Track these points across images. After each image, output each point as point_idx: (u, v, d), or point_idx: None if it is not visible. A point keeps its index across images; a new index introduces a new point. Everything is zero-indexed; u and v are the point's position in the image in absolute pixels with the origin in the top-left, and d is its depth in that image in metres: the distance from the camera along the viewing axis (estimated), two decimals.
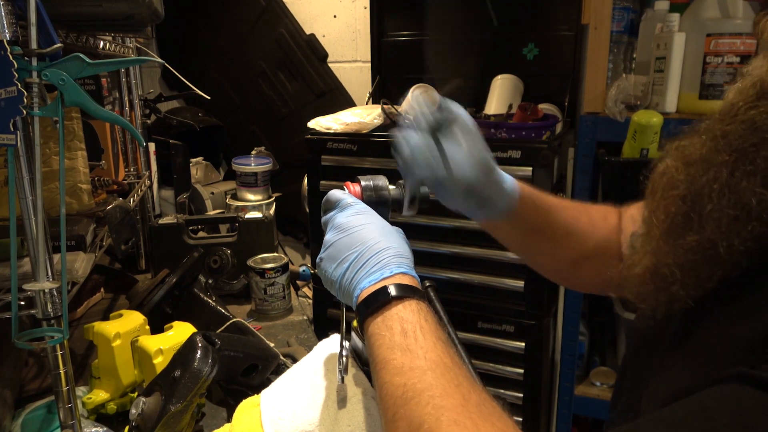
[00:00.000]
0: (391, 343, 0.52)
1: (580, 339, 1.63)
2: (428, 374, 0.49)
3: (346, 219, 0.61)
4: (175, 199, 2.00)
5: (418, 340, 0.51)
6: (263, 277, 1.41)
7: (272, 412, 0.68)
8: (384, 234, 0.59)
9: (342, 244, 0.59)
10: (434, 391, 0.47)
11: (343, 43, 2.28)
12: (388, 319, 0.53)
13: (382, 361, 0.52)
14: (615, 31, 1.51)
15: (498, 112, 1.71)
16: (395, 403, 0.49)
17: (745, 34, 1.32)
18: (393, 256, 0.58)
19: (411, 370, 0.49)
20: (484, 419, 0.45)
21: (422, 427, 0.45)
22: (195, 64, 2.46)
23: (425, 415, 0.46)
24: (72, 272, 0.96)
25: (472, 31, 1.92)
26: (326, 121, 1.70)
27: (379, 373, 0.52)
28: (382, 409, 0.51)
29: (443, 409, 0.46)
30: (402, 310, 0.53)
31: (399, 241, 0.60)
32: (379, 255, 0.57)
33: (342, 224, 0.61)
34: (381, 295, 0.54)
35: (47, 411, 0.95)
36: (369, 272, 0.56)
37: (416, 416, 0.46)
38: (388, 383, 0.50)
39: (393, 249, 0.58)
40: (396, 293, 0.54)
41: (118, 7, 0.99)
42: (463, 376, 0.50)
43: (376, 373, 0.53)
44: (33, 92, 0.68)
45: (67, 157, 1.19)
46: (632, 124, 1.33)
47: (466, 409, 0.46)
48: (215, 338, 0.91)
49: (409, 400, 0.47)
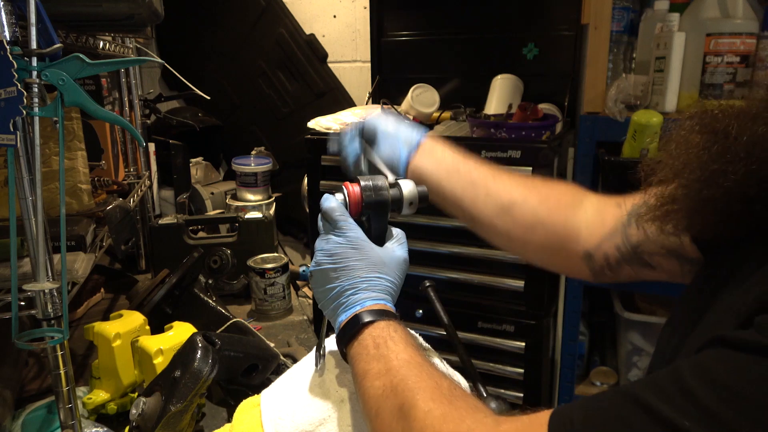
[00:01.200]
0: (366, 356, 0.58)
1: (580, 339, 1.63)
2: (402, 370, 0.55)
3: (338, 249, 0.65)
4: (175, 199, 2.00)
5: (389, 347, 0.57)
6: (263, 277, 1.41)
7: (272, 412, 0.68)
8: (368, 268, 0.65)
9: (329, 273, 0.65)
10: (408, 381, 0.53)
11: (342, 43, 2.28)
12: (362, 340, 0.60)
13: (362, 373, 0.58)
14: (615, 30, 1.51)
15: (498, 112, 1.71)
16: (377, 402, 0.54)
17: (745, 33, 1.32)
18: (370, 290, 0.64)
19: (387, 372, 0.55)
20: (457, 397, 0.51)
21: (402, 408, 0.51)
22: (195, 64, 2.46)
23: (403, 399, 0.52)
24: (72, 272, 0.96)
25: (472, 31, 1.92)
26: (326, 121, 1.70)
27: (360, 384, 0.58)
28: (366, 413, 0.56)
29: (418, 390, 0.52)
30: (373, 329, 0.60)
31: (384, 270, 0.65)
32: (357, 293, 0.63)
33: (333, 252, 0.65)
34: (354, 323, 0.61)
35: (47, 411, 0.95)
36: (346, 307, 0.63)
37: (396, 404, 0.52)
38: (369, 388, 0.56)
39: (371, 283, 0.64)
40: (367, 319, 0.60)
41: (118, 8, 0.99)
42: (434, 368, 0.56)
43: (358, 385, 0.58)
44: (33, 92, 0.68)
45: (67, 157, 1.19)
46: (632, 123, 1.33)
47: (439, 391, 0.52)
48: (215, 338, 0.91)
49: (388, 395, 0.54)
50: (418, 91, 1.87)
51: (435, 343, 0.82)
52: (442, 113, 1.89)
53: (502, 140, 1.46)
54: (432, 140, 0.81)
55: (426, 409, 0.50)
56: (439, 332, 1.45)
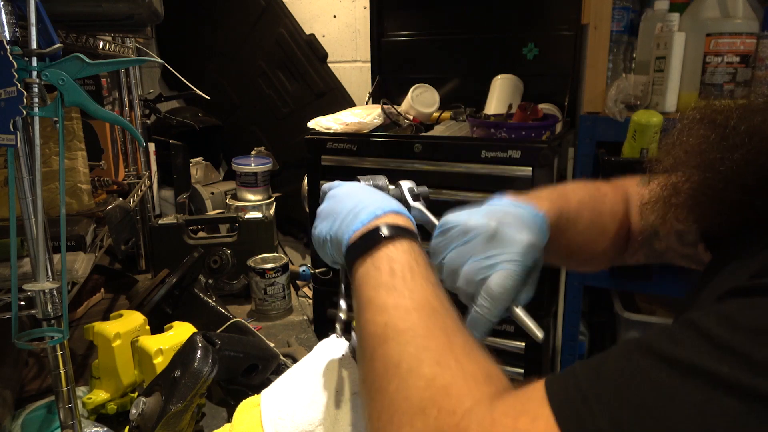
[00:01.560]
0: (377, 282, 0.50)
1: (580, 339, 1.63)
2: (413, 314, 0.47)
3: (337, 190, 0.60)
4: (175, 199, 2.00)
5: (406, 280, 0.49)
6: (263, 277, 1.40)
7: (272, 412, 0.68)
8: (376, 193, 0.59)
9: (335, 204, 0.58)
10: (417, 331, 0.45)
11: (343, 43, 2.28)
12: (377, 259, 0.51)
13: (366, 300, 0.50)
14: (615, 30, 1.51)
15: (498, 112, 1.71)
16: (374, 342, 0.47)
17: (745, 33, 1.32)
18: (386, 200, 0.56)
19: (395, 308, 0.47)
20: (470, 361, 0.44)
21: (400, 366, 0.44)
22: (195, 64, 2.46)
23: (404, 354, 0.44)
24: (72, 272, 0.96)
25: (472, 31, 1.92)
26: (326, 121, 1.70)
27: (361, 312, 0.50)
28: (361, 348, 0.49)
29: (425, 349, 0.44)
30: (392, 250, 0.51)
31: (395, 200, 0.59)
32: (373, 203, 0.55)
33: (336, 193, 0.60)
34: (372, 235, 0.52)
35: (47, 411, 0.95)
36: (360, 216, 0.54)
37: (394, 354, 0.44)
38: (369, 322, 0.48)
39: (387, 198, 0.58)
40: (387, 233, 0.52)
41: (118, 8, 0.99)
42: (451, 319, 0.48)
43: (359, 313, 0.50)
44: (33, 92, 0.68)
45: (67, 157, 1.19)
46: (632, 123, 1.33)
47: (450, 351, 0.44)
48: (215, 338, 0.91)
49: (389, 339, 0.46)
50: (418, 91, 1.87)
51: None
52: (442, 113, 1.89)
53: (502, 140, 1.46)
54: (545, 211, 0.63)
55: (429, 375, 0.42)
56: None
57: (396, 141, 1.57)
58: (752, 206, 0.47)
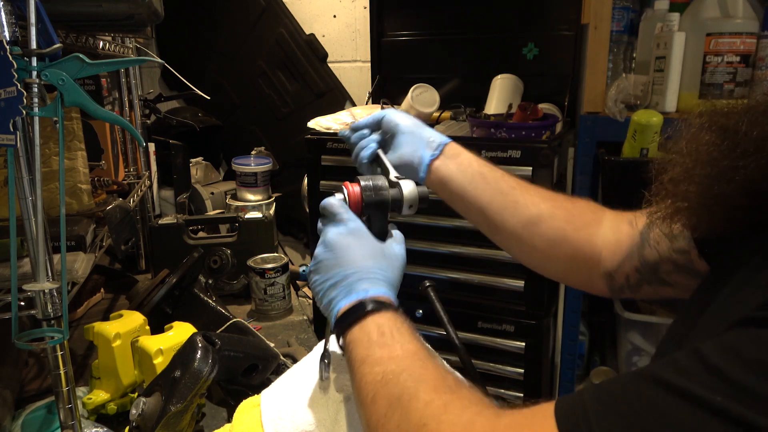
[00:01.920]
0: (369, 342, 0.54)
1: (580, 339, 1.63)
2: (406, 360, 0.52)
3: (336, 237, 0.63)
4: (175, 199, 2.00)
5: (395, 337, 0.54)
6: (263, 277, 1.40)
7: (272, 412, 0.68)
8: (369, 257, 0.62)
9: (328, 263, 0.62)
10: (413, 371, 0.50)
11: (342, 43, 2.28)
12: (365, 326, 0.56)
13: (360, 358, 0.54)
14: (615, 30, 1.51)
15: (498, 111, 1.71)
16: (374, 388, 0.51)
17: (745, 33, 1.32)
18: (373, 280, 0.61)
19: (390, 359, 0.52)
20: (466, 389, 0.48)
21: (401, 398, 0.48)
22: (195, 64, 2.46)
23: (404, 389, 0.48)
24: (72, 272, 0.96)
25: (472, 31, 1.92)
26: (326, 121, 1.70)
27: (357, 369, 0.54)
28: (360, 397, 0.52)
29: (421, 382, 0.49)
30: (378, 318, 0.56)
31: (384, 264, 0.63)
32: (360, 281, 0.60)
33: (331, 242, 0.63)
34: (358, 309, 0.57)
35: (47, 411, 0.95)
36: (348, 293, 0.60)
37: (394, 392, 0.49)
38: (366, 374, 0.52)
39: (374, 273, 0.61)
40: (372, 307, 0.57)
41: (118, 8, 0.99)
42: (442, 365, 0.52)
43: (354, 370, 0.54)
44: (33, 92, 0.68)
45: (66, 157, 1.19)
46: (632, 123, 1.33)
47: (443, 383, 0.49)
48: (215, 338, 0.91)
49: (388, 382, 0.50)
50: (418, 91, 1.87)
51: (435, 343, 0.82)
52: (442, 113, 1.89)
53: (502, 140, 1.46)
54: (456, 145, 0.80)
55: (427, 399, 0.47)
56: (439, 332, 1.45)
57: None
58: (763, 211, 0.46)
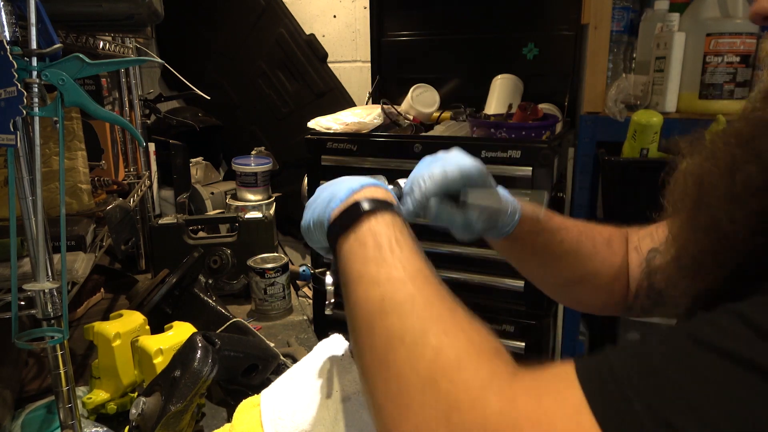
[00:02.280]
0: (365, 257, 0.48)
1: (580, 339, 1.63)
2: (408, 285, 0.45)
3: (326, 183, 0.60)
4: (175, 199, 2.00)
5: (395, 253, 0.48)
6: (263, 277, 1.40)
7: (272, 412, 0.68)
8: (359, 176, 0.59)
9: (318, 193, 0.59)
10: (416, 301, 0.43)
11: (342, 43, 2.28)
12: (362, 234, 0.50)
13: (356, 275, 0.48)
14: (615, 30, 1.51)
15: (498, 111, 1.71)
16: (372, 316, 0.44)
17: (745, 33, 1.32)
18: (364, 178, 0.56)
19: (388, 281, 0.45)
20: (477, 333, 0.42)
21: (404, 338, 0.41)
22: (195, 64, 2.46)
23: (407, 326, 0.42)
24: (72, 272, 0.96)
25: (472, 31, 1.92)
26: (326, 121, 1.70)
27: (352, 288, 0.48)
28: (355, 324, 0.46)
29: (429, 319, 0.42)
30: (375, 224, 0.50)
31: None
32: (351, 180, 0.56)
33: (321, 186, 0.60)
34: (352, 211, 0.52)
35: (47, 411, 0.95)
36: (338, 194, 0.54)
37: (396, 327, 0.42)
38: (362, 298, 0.46)
39: (367, 177, 0.57)
40: (368, 207, 0.51)
41: (118, 8, 0.99)
42: (445, 288, 0.46)
43: (349, 289, 0.48)
44: (33, 92, 0.68)
45: (67, 157, 1.19)
46: (632, 123, 1.33)
47: (454, 320, 0.42)
48: (215, 338, 0.91)
49: (388, 311, 0.44)
50: (418, 91, 1.87)
51: None
52: (442, 113, 1.89)
53: (502, 140, 1.47)
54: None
55: (437, 345, 0.40)
56: None
57: (396, 141, 1.57)
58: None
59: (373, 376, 0.43)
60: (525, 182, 1.40)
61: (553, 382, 0.36)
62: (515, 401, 0.35)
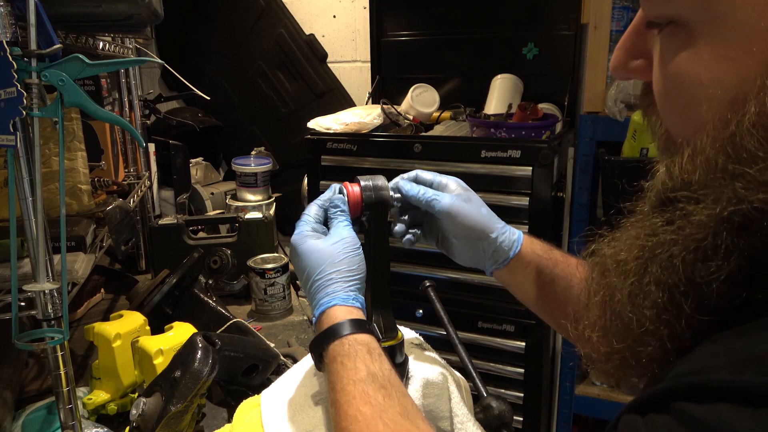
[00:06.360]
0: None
1: None
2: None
3: (294, 239, 0.65)
4: (175, 199, 2.00)
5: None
6: (263, 277, 1.40)
7: (272, 413, 0.68)
8: (321, 262, 0.62)
9: (296, 267, 0.66)
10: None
11: (342, 43, 2.28)
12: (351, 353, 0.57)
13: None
14: (615, 30, 1.51)
15: (498, 111, 1.71)
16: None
17: None
18: (322, 289, 0.62)
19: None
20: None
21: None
22: (195, 64, 2.46)
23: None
24: (72, 273, 0.96)
25: (472, 30, 1.92)
26: (326, 121, 1.70)
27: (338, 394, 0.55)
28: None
29: None
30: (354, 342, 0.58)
31: (336, 262, 0.62)
32: (314, 288, 0.63)
33: (293, 244, 0.65)
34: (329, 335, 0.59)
35: (47, 412, 0.95)
36: (314, 305, 0.63)
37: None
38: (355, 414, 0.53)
39: (323, 280, 0.62)
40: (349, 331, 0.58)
41: (118, 8, 0.99)
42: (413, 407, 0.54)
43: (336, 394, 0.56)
44: (32, 93, 0.68)
45: (66, 157, 1.19)
46: (632, 123, 1.33)
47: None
48: (215, 339, 0.91)
49: None
50: (418, 91, 1.87)
51: (435, 343, 0.82)
52: (442, 113, 1.89)
53: (502, 140, 1.46)
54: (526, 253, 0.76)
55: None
56: (439, 332, 1.45)
57: (396, 141, 1.57)
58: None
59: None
60: (525, 182, 1.40)
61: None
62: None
